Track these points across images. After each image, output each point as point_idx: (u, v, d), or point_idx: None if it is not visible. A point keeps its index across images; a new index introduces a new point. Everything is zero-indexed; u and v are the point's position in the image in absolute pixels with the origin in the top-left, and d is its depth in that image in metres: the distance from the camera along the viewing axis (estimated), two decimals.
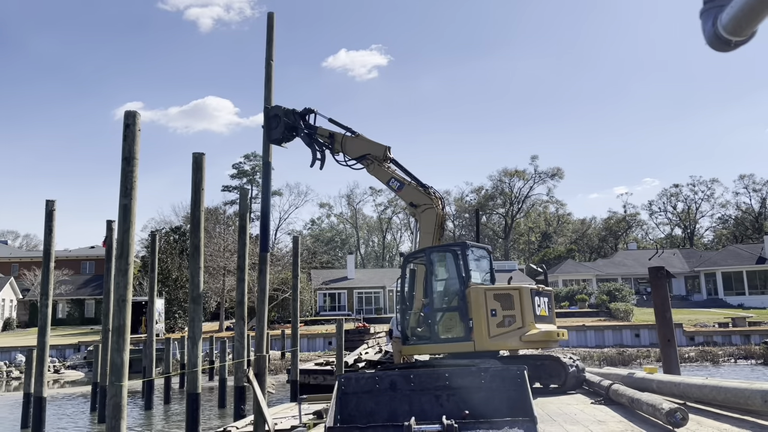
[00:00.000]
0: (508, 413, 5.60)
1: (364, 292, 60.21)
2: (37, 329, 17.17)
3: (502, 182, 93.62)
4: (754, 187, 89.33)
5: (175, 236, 57.30)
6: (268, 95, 16.84)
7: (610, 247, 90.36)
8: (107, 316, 19.60)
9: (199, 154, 13.37)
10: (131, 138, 10.04)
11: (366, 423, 5.52)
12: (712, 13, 2.52)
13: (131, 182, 9.89)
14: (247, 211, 17.26)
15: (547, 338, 11.96)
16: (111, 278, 20.53)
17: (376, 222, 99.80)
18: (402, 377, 6.25)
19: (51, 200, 17.35)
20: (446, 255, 12.71)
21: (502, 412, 5.71)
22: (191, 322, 12.84)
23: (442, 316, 12.40)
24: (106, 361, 19.36)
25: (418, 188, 13.80)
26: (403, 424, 5.19)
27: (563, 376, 11.81)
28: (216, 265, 48.53)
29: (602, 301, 50.23)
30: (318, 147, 15.43)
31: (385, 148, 14.42)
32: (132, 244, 10.14)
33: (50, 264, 17.07)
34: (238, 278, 16.48)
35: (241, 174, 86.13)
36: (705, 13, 2.61)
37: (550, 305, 12.77)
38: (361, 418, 5.90)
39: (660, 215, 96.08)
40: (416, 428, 5.12)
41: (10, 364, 38.51)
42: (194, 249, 13.07)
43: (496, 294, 11.85)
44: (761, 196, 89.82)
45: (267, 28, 17.24)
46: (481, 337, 11.51)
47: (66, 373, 37.01)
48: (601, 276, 61.86)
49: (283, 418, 11.52)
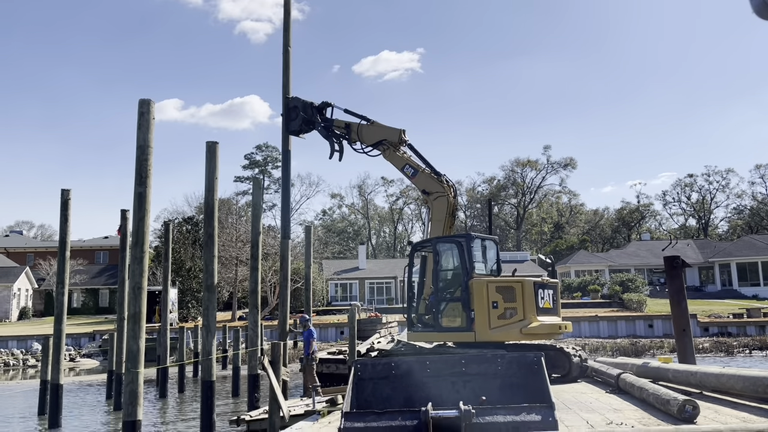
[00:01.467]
0: (525, 400, 5.58)
1: (376, 283, 60.33)
2: (54, 317, 17.38)
3: (515, 172, 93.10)
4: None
5: (188, 226, 57.57)
6: (286, 83, 16.90)
7: (623, 238, 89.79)
8: (122, 305, 19.78)
9: (213, 142, 13.42)
10: (145, 126, 10.11)
11: (382, 408, 5.52)
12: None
13: (146, 170, 9.95)
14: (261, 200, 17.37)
15: (549, 331, 11.97)
16: (126, 267, 20.70)
17: (388, 212, 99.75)
18: (418, 363, 6.25)
19: (66, 189, 17.51)
20: (451, 245, 12.73)
21: (519, 398, 5.69)
22: (205, 311, 12.93)
23: (446, 306, 12.48)
24: (121, 349, 19.54)
25: (431, 175, 13.84)
26: (420, 410, 5.18)
27: (567, 365, 11.87)
28: (228, 255, 48.78)
29: (615, 291, 49.99)
30: (335, 139, 15.59)
31: (400, 132, 14.48)
32: (147, 232, 10.23)
33: (66, 252, 17.22)
34: (252, 267, 16.59)
35: (253, 164, 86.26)
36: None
37: (555, 297, 12.74)
38: (377, 404, 5.90)
39: (674, 205, 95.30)
40: (433, 413, 5.11)
41: (26, 353, 38.99)
42: (208, 237, 13.14)
43: (499, 286, 11.89)
44: None
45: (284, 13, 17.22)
46: (482, 328, 11.58)
47: (81, 362, 37.44)
48: (614, 267, 61.52)
49: (297, 406, 11.58)
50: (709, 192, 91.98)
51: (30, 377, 31.28)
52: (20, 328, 48.34)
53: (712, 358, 30.96)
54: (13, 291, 57.33)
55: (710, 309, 45.00)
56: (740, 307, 44.72)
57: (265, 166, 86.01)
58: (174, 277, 46.51)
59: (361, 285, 59.85)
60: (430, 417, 5.10)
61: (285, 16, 17.37)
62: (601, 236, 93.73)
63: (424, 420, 5.11)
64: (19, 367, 36.63)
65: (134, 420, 9.24)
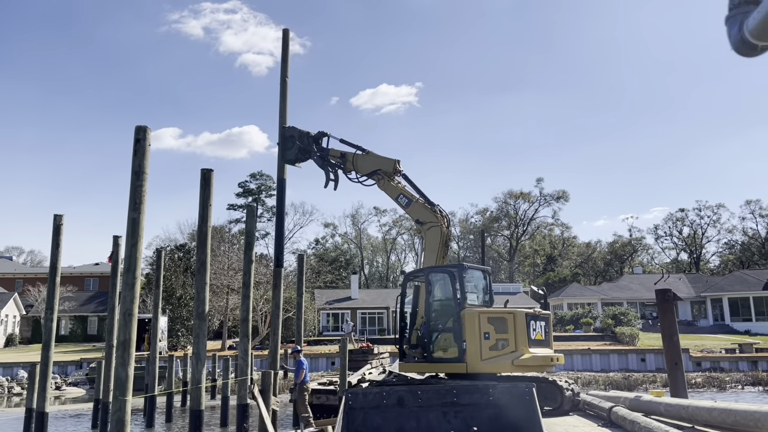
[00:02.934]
0: (516, 431, 5.57)
1: (368, 313, 60.00)
2: (41, 345, 17.16)
3: (508, 204, 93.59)
4: (760, 212, 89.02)
5: (179, 254, 57.33)
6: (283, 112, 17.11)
7: (615, 271, 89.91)
8: (111, 332, 19.60)
9: (208, 170, 13.48)
10: (141, 152, 10.15)
11: None
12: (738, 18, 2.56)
13: (140, 196, 9.97)
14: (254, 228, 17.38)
15: (541, 363, 11.92)
16: (116, 293, 20.55)
17: (381, 242, 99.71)
18: (409, 393, 6.23)
19: (59, 215, 17.48)
20: (444, 276, 12.74)
21: (510, 429, 5.67)
22: (196, 339, 12.83)
23: (438, 336, 12.43)
24: (109, 377, 19.29)
25: (425, 206, 13.92)
26: None
27: (559, 398, 11.80)
28: (220, 284, 48.50)
29: (607, 325, 49.88)
30: (331, 168, 15.69)
31: (395, 162, 14.59)
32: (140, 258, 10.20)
33: (56, 279, 17.11)
34: (243, 295, 16.52)
35: (246, 193, 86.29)
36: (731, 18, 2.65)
37: (547, 329, 12.70)
38: None
39: (666, 240, 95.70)
40: None
41: (12, 380, 38.37)
42: (200, 264, 13.11)
43: (491, 317, 11.85)
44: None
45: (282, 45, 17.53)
46: (474, 359, 11.52)
47: (68, 390, 36.86)
48: (606, 300, 61.50)
49: None
50: (701, 227, 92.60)
51: (15, 405, 30.75)
52: (6, 355, 47.68)
53: (705, 393, 30.80)
54: (1, 317, 56.65)
55: (702, 344, 44.93)
56: (732, 342, 44.71)
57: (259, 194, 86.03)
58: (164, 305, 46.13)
59: (353, 315, 59.47)
60: None
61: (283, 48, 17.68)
62: (594, 269, 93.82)
63: None
64: (4, 395, 36.02)
65: None
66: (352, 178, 15.45)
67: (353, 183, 15.43)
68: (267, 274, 47.30)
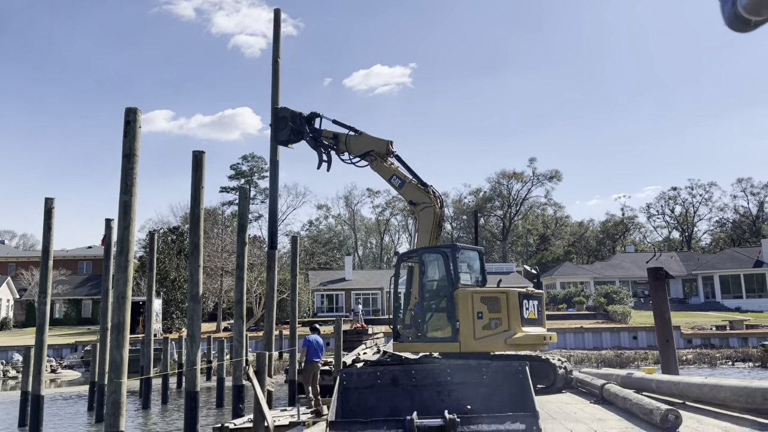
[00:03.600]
0: (509, 409, 5.61)
1: (362, 294, 60.21)
2: (35, 328, 17.15)
3: (501, 184, 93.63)
4: (752, 190, 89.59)
5: (173, 236, 57.21)
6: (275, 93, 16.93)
7: (607, 250, 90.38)
8: (105, 315, 19.58)
9: (199, 152, 13.37)
10: (132, 135, 10.05)
11: (368, 418, 5.52)
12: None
13: (131, 179, 9.89)
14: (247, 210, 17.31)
15: (534, 342, 11.98)
16: (110, 277, 20.50)
17: (374, 223, 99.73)
18: (403, 372, 6.27)
19: (50, 198, 17.34)
20: (437, 256, 12.75)
21: (503, 407, 5.72)
22: (190, 321, 12.82)
23: (431, 316, 12.47)
24: (104, 359, 19.32)
25: (418, 186, 13.88)
26: (405, 419, 5.19)
27: (552, 376, 11.88)
28: (213, 266, 48.50)
29: (600, 303, 50.29)
30: (324, 149, 15.57)
31: (387, 143, 14.50)
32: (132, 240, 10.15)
33: (49, 262, 17.04)
34: (237, 276, 16.49)
35: (239, 175, 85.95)
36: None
37: (540, 308, 12.75)
38: (362, 413, 5.90)
39: (658, 218, 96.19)
40: (418, 422, 5.13)
41: (6, 364, 38.43)
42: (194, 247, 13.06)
43: (484, 297, 11.88)
44: (759, 200, 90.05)
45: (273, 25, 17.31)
46: (467, 338, 11.57)
47: (63, 373, 36.93)
48: (598, 278, 61.93)
49: (281, 417, 11.51)
50: (693, 205, 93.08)
51: (10, 388, 30.80)
52: (1, 338, 47.65)
53: (696, 370, 31.18)
54: None
55: (694, 321, 45.37)
56: (723, 319, 45.15)
57: (252, 176, 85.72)
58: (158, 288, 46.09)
59: (348, 296, 59.68)
60: (415, 426, 5.12)
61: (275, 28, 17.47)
62: (586, 248, 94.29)
63: (410, 429, 5.12)
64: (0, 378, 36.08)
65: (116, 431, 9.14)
66: (344, 159, 15.38)
67: (346, 164, 15.38)
68: (261, 256, 47.27)
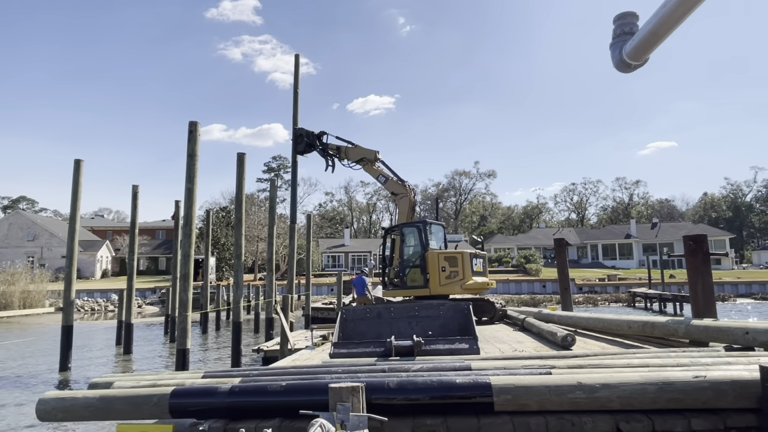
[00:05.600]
0: (458, 334, 5.67)
1: (356, 255, 60.25)
2: (126, 277, 17.00)
3: (454, 179, 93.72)
4: (625, 185, 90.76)
5: (222, 213, 56.53)
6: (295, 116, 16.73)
7: (527, 226, 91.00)
8: (176, 268, 19.42)
9: (242, 153, 13.19)
10: (193, 141, 9.90)
11: (360, 339, 5.55)
12: (619, 45, 2.58)
13: (193, 172, 9.76)
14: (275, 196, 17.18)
15: (480, 287, 12.01)
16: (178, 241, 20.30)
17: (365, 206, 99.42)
18: (385, 309, 6.29)
19: (135, 185, 17.09)
20: (413, 229, 12.67)
21: (454, 333, 5.78)
22: (236, 273, 12.77)
23: (409, 271, 12.42)
24: (175, 299, 19.20)
25: (398, 182, 13.75)
26: (386, 340, 5.23)
27: (492, 312, 11.95)
28: (251, 234, 48.18)
29: (521, 263, 50.81)
30: (329, 157, 15.31)
31: (375, 152, 14.34)
32: (194, 216, 10.05)
33: (135, 231, 16.86)
34: (269, 243, 16.42)
35: (270, 170, 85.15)
36: (613, 45, 2.66)
37: (484, 265, 12.79)
38: (356, 337, 5.93)
39: (561, 204, 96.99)
40: (395, 343, 5.17)
41: (107, 301, 38.07)
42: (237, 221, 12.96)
43: (446, 257, 11.82)
44: (630, 192, 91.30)
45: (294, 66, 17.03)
46: (435, 285, 11.53)
47: (146, 308, 36.69)
48: (520, 246, 62.47)
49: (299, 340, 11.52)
50: (585, 195, 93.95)
51: (110, 318, 30.56)
52: (102, 284, 47.10)
53: (584, 308, 31.75)
54: (97, 258, 55.76)
55: (584, 275, 46.06)
56: (603, 275, 45.89)
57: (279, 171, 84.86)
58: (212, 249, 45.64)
59: (346, 257, 59.71)
60: (393, 345, 5.16)
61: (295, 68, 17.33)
62: (512, 225, 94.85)
63: (389, 347, 5.16)
64: (102, 311, 35.74)
65: (184, 348, 9.13)
66: (344, 164, 15.18)
67: (345, 168, 15.22)
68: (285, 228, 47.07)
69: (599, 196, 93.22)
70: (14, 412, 9.09)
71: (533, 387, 3.58)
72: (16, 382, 11.82)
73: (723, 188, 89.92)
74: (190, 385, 3.97)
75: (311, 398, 3.44)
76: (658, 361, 4.25)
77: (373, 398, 3.42)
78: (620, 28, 2.63)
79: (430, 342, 5.20)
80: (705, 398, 3.51)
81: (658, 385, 3.55)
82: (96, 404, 3.85)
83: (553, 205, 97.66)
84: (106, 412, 3.86)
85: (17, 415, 8.86)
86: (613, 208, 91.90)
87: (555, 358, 4.57)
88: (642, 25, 2.44)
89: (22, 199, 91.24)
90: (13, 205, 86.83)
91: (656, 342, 6.68)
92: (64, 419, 3.95)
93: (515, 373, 3.90)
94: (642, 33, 2.36)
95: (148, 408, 3.77)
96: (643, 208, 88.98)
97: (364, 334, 6.05)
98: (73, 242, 13.01)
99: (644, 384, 3.56)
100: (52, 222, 63.46)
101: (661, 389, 3.54)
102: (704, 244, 6.60)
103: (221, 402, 3.63)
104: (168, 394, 3.77)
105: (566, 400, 3.55)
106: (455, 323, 5.97)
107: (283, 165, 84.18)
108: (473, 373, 3.83)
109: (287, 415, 3.59)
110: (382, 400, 3.46)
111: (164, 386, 4.03)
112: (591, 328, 8.30)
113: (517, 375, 3.84)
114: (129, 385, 4.26)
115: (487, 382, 3.57)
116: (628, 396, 3.53)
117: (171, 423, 3.71)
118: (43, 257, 54.19)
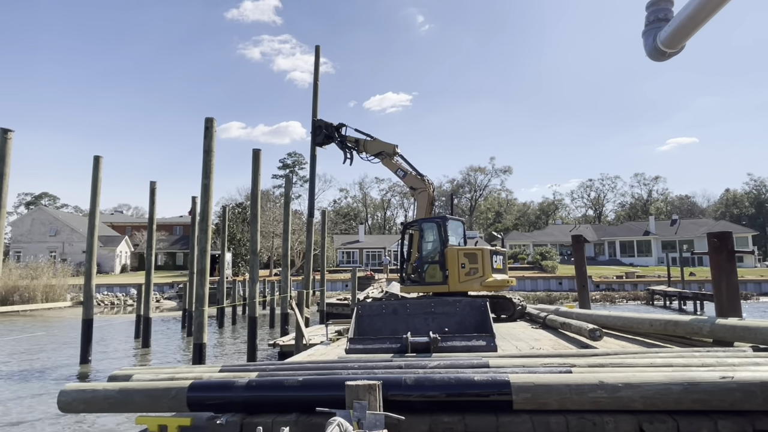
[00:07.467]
0: (475, 331, 5.61)
1: (370, 251, 60.31)
2: (145, 272, 17.26)
3: (469, 175, 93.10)
4: (644, 182, 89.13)
5: (238, 209, 57.08)
6: (315, 108, 16.70)
7: (543, 222, 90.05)
8: (193, 263, 19.67)
9: (257, 149, 13.27)
10: (209, 137, 9.96)
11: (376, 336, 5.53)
12: (653, 32, 2.49)
13: (209, 168, 9.83)
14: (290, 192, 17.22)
15: (500, 284, 11.88)
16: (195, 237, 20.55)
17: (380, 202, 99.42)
18: (401, 305, 6.26)
19: (153, 181, 17.30)
20: (432, 225, 12.57)
21: (470, 330, 5.72)
22: (251, 268, 12.87)
23: (428, 267, 12.34)
24: (192, 294, 19.46)
25: (416, 177, 13.65)
26: (402, 336, 5.20)
27: (512, 309, 11.81)
28: (267, 230, 48.58)
29: (537, 259, 50.32)
30: (348, 150, 15.25)
31: (394, 146, 14.24)
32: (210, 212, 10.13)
33: (153, 226, 17.08)
34: (284, 238, 16.51)
35: (285, 166, 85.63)
36: (647, 32, 2.57)
37: (504, 262, 12.62)
38: (372, 333, 5.91)
39: (578, 200, 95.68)
40: (411, 339, 5.13)
41: (126, 296, 38.77)
42: (253, 217, 13.06)
43: (466, 253, 11.72)
44: (648, 189, 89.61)
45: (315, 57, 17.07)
46: (454, 282, 11.44)
47: (164, 303, 37.26)
48: (536, 242, 61.84)
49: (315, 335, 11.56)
50: (603, 192, 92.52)
51: (128, 312, 31.13)
52: (121, 278, 47.99)
53: (602, 306, 31.30)
54: (117, 253, 56.82)
55: (601, 272, 45.43)
56: (621, 272, 45.19)
57: (294, 167, 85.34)
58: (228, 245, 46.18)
59: (360, 253, 59.82)
60: (409, 341, 5.13)
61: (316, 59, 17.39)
62: (528, 221, 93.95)
63: (405, 344, 5.13)
64: (121, 305, 36.43)
65: (201, 342, 9.23)
66: (363, 158, 15.12)
67: (363, 161, 15.15)
68: (300, 224, 47.38)
69: (617, 192, 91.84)
70: (37, 402, 9.32)
71: (553, 385, 3.51)
72: (39, 373, 12.12)
73: (746, 184, 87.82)
74: (207, 379, 3.99)
75: (328, 393, 3.43)
76: (683, 360, 4.14)
77: (389, 395, 3.40)
78: (654, 15, 2.53)
79: (447, 339, 5.15)
80: (732, 400, 3.40)
81: (683, 386, 3.45)
82: (116, 396, 3.90)
83: (570, 201, 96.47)
84: (126, 404, 3.90)
85: (40, 405, 9.07)
86: (632, 204, 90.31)
87: (575, 357, 4.49)
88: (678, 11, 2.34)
89: (45, 195, 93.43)
90: (35, 201, 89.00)
91: (678, 341, 6.53)
92: (85, 410, 4.00)
93: (535, 371, 3.84)
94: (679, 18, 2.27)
95: (167, 401, 3.81)
96: (663, 204, 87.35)
97: (379, 330, 6.03)
98: (93, 238, 13.24)
99: (669, 384, 3.47)
100: (73, 218, 64.80)
101: (686, 390, 3.44)
102: (729, 241, 6.41)
103: (238, 396, 3.65)
104: (186, 388, 3.80)
105: (587, 400, 3.48)
106: (472, 320, 5.91)
107: (299, 161, 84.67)
108: (491, 371, 3.78)
109: (304, 410, 3.59)
110: (399, 397, 3.43)
111: (182, 380, 4.07)
112: (610, 326, 8.16)
113: (536, 373, 3.78)
114: (148, 378, 4.31)
115: (506, 379, 3.51)
116: (651, 396, 3.44)
117: (189, 416, 3.74)
118: (65, 252, 55.44)
